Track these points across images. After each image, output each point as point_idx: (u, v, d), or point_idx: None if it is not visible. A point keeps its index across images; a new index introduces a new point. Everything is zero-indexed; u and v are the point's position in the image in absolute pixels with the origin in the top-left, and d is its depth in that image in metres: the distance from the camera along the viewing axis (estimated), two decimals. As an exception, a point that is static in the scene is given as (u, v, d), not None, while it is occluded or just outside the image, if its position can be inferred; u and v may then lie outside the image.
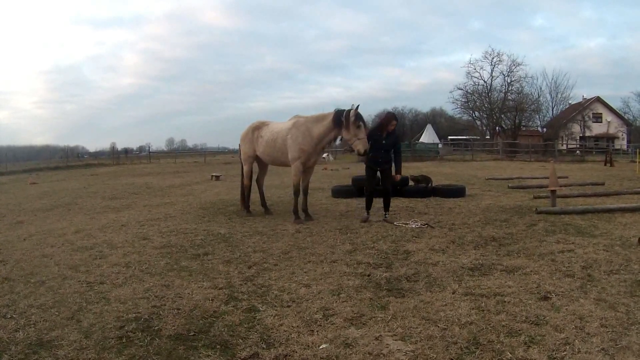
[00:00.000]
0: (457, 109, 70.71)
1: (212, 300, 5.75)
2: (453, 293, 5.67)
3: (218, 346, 4.53)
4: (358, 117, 10.18)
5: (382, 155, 10.59)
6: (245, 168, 12.28)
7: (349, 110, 10.25)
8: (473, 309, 5.14)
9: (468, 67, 66.85)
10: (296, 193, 11.14)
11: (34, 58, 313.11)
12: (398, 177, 10.84)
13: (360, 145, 10.17)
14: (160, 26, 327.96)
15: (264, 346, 4.49)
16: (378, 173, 10.89)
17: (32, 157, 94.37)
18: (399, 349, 4.28)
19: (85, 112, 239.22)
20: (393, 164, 10.80)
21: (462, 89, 67.32)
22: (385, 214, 10.78)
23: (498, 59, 64.87)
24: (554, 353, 4.11)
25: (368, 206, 10.94)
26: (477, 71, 66.09)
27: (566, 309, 5.07)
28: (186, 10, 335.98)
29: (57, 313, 5.53)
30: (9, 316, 5.52)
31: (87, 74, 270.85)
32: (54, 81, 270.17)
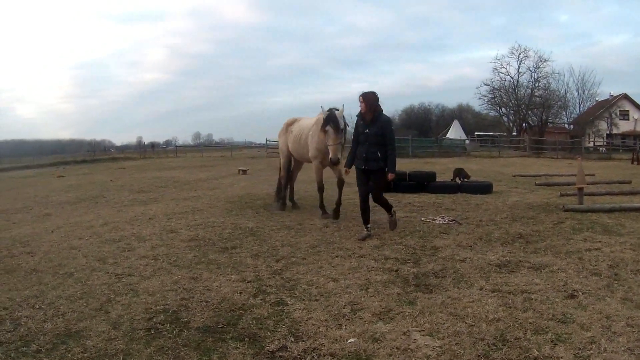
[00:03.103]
0: (484, 105, 71.24)
1: (240, 293, 5.83)
2: (480, 289, 5.67)
3: (246, 339, 4.60)
4: (326, 121, 9.70)
5: (366, 149, 8.60)
6: (281, 161, 12.49)
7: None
8: (500, 305, 5.15)
9: (495, 62, 67.28)
10: (320, 189, 11.09)
11: (59, 53, 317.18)
12: (391, 176, 8.77)
13: (331, 153, 9.76)
14: (184, 22, 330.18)
15: (292, 339, 4.55)
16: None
17: (58, 150, 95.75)
18: (426, 344, 4.31)
19: (110, 106, 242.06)
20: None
21: (488, 85, 67.86)
22: (390, 215, 9.17)
23: (525, 55, 65.35)
24: (580, 352, 4.11)
25: (364, 219, 8.86)
26: (503, 67, 66.52)
27: (593, 307, 5.05)
28: (210, 5, 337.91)
29: (85, 304, 5.66)
30: (38, 307, 5.66)
31: (112, 69, 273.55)
32: (79, 76, 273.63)
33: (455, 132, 63.54)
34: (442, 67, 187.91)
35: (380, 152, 8.56)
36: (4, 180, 29.55)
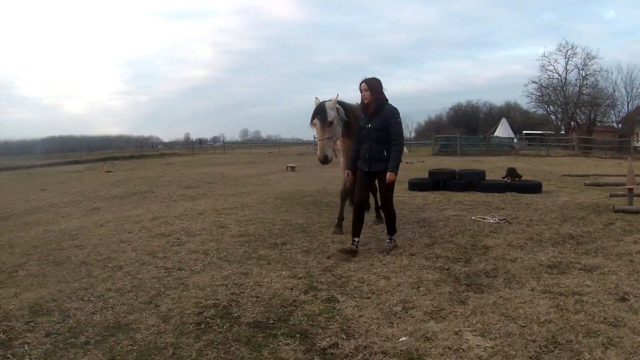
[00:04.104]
0: (532, 103, 70.47)
1: (291, 289, 5.87)
2: (532, 290, 5.61)
3: (297, 335, 4.62)
4: (313, 113, 8.33)
5: (369, 147, 7.50)
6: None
7: None
8: (552, 307, 5.08)
9: (542, 60, 66.30)
10: (341, 195, 9.95)
11: (108, 50, 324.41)
12: (392, 177, 7.38)
13: (318, 150, 8.44)
14: (231, 19, 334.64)
15: (344, 337, 4.55)
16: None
17: (106, 146, 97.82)
18: (478, 345, 4.27)
19: (157, 103, 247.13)
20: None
21: (536, 82, 67.04)
22: (388, 239, 7.87)
23: (572, 52, 64.09)
24: (631, 356, 4.03)
25: (355, 230, 7.65)
26: (551, 64, 65.56)
27: (643, 311, 4.96)
28: (256, 3, 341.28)
29: (135, 297, 5.78)
30: (87, 299, 5.81)
31: (159, 66, 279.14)
32: (127, 73, 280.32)
33: (503, 130, 62.97)
34: (489, 64, 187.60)
35: (387, 150, 7.42)
36: (53, 175, 30.28)
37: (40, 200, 16.05)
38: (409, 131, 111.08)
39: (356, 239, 7.56)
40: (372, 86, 7.44)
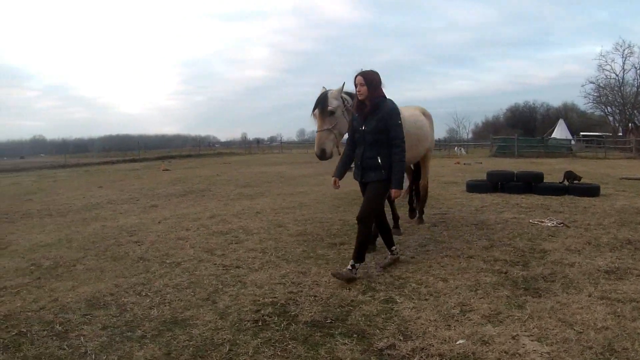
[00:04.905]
0: (589, 104, 69.31)
1: (349, 289, 5.91)
2: (589, 296, 5.54)
3: (355, 335, 4.66)
4: (315, 103, 7.36)
5: (362, 153, 6.55)
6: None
7: None
8: (609, 313, 5.01)
9: (599, 59, 65.11)
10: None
11: (166, 52, 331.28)
12: (397, 193, 6.42)
13: (315, 144, 7.34)
14: (287, 20, 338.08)
15: (401, 338, 4.57)
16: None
17: (163, 145, 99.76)
18: (534, 350, 4.25)
19: (214, 103, 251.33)
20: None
21: (593, 83, 65.95)
22: (390, 251, 7.07)
23: (629, 51, 62.89)
24: None
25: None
26: (608, 64, 64.30)
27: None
28: (312, 4, 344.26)
29: (192, 293, 5.91)
30: (144, 294, 5.98)
31: (216, 66, 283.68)
32: (184, 73, 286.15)
33: (560, 131, 61.79)
34: (546, 64, 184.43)
35: (382, 157, 6.37)
36: (111, 173, 30.94)
37: (98, 197, 16.47)
38: (466, 132, 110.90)
39: (358, 264, 6.39)
40: (370, 80, 6.39)
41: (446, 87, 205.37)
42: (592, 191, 13.93)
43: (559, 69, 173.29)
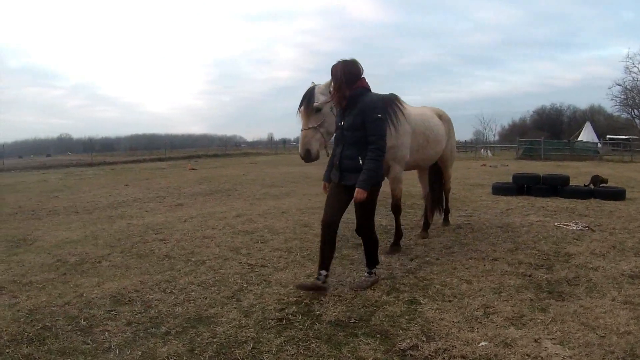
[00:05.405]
0: (616, 107, 68.52)
1: (373, 289, 5.96)
2: (612, 300, 5.54)
3: (378, 335, 4.71)
4: (301, 99, 6.73)
5: (342, 151, 5.98)
6: None
7: None
8: (632, 318, 5.00)
9: (626, 61, 64.00)
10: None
11: (194, 52, 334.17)
12: (362, 195, 5.67)
13: (300, 143, 6.81)
14: (314, 20, 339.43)
15: (424, 339, 4.61)
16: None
17: (189, 144, 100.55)
18: (556, 353, 4.27)
19: (240, 103, 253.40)
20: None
21: (620, 85, 65.01)
22: (367, 272, 6.29)
23: None
24: None
25: (322, 260, 5.95)
26: (635, 66, 63.33)
27: None
28: (339, 5, 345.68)
29: (217, 291, 6.01)
30: (169, 291, 6.09)
31: (243, 67, 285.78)
32: (212, 74, 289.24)
33: (587, 134, 61.31)
34: (573, 65, 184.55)
35: (362, 156, 5.80)
36: (137, 171, 31.27)
37: (124, 195, 16.73)
38: (492, 134, 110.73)
39: (323, 273, 5.90)
40: (347, 69, 5.84)
41: (473, 88, 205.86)
42: (617, 195, 13.89)
43: (586, 71, 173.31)
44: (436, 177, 9.69)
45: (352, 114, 5.76)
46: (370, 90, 5.97)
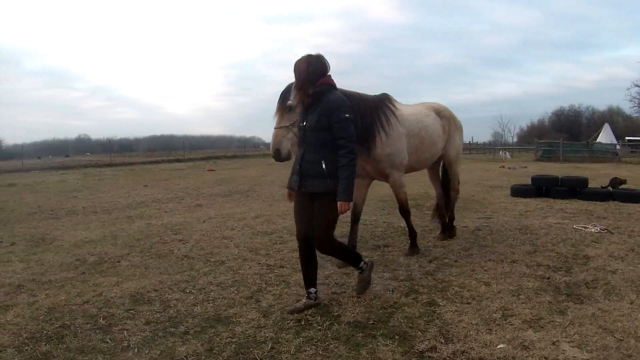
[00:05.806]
0: (635, 108, 68.45)
1: (392, 291, 6.01)
2: (631, 303, 5.54)
3: (396, 336, 4.74)
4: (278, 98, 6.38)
5: (303, 154, 5.49)
6: None
7: None
8: None
9: None
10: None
11: (213, 54, 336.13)
12: (346, 207, 5.24)
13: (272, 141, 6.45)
14: (332, 22, 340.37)
15: (442, 341, 4.64)
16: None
17: (208, 146, 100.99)
18: (574, 356, 4.29)
19: (259, 104, 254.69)
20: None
21: (639, 86, 65.09)
22: (358, 272, 5.88)
23: None
24: None
25: (306, 277, 5.66)
26: None
27: None
28: (358, 6, 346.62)
29: (236, 292, 6.08)
30: (188, 291, 6.17)
31: (261, 69, 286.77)
32: (230, 76, 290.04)
33: (606, 136, 60.99)
34: (591, 67, 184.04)
35: (327, 162, 5.29)
36: (156, 172, 31.44)
37: (143, 196, 16.87)
38: (511, 136, 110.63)
39: (312, 290, 5.61)
40: (311, 65, 5.37)
41: (491, 90, 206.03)
42: (636, 197, 13.84)
43: (604, 72, 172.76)
44: (446, 176, 9.25)
45: (315, 112, 5.32)
46: (336, 88, 5.57)
